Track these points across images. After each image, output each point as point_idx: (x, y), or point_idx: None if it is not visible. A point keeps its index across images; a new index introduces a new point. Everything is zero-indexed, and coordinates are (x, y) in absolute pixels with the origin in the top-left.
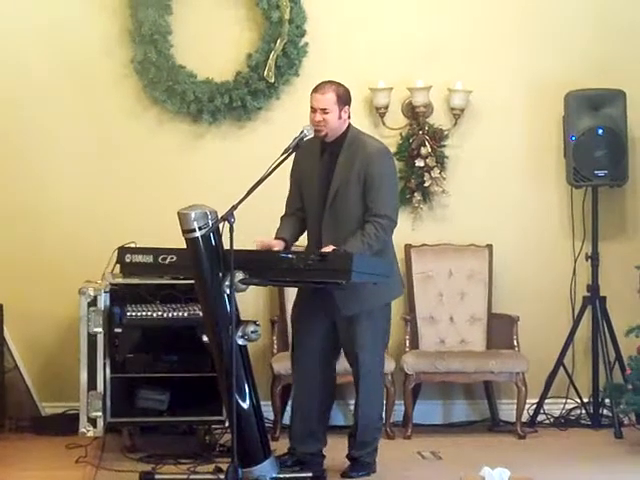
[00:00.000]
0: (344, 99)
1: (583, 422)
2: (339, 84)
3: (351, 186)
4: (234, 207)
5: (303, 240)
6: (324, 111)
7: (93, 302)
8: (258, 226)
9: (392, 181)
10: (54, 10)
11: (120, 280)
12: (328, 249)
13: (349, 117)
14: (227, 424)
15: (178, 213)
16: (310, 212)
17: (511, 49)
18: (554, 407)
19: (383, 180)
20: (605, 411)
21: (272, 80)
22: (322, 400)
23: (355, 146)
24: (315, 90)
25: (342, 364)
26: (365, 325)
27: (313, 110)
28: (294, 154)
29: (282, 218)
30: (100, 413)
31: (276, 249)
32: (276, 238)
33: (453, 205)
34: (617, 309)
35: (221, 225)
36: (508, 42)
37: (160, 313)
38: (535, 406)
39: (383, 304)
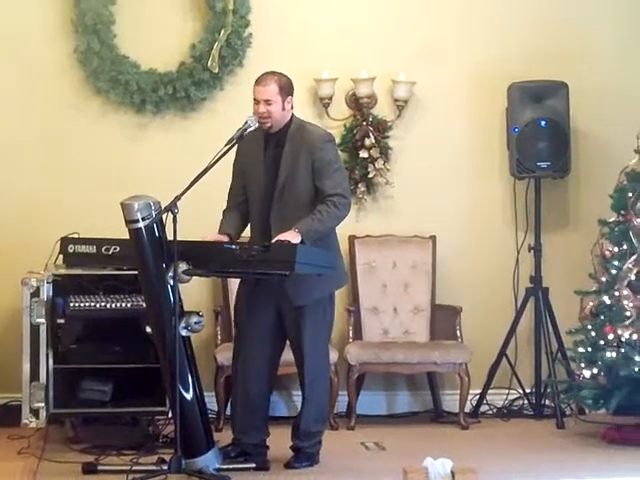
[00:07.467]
0: (287, 90)
1: (526, 412)
2: (281, 74)
3: (299, 175)
4: (177, 198)
5: (247, 232)
6: (267, 102)
7: (36, 293)
8: (202, 217)
9: (340, 164)
10: None
11: (63, 271)
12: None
13: (292, 107)
14: (170, 415)
15: (121, 204)
16: (255, 204)
17: (454, 40)
18: (497, 398)
19: (332, 163)
20: (547, 401)
21: (216, 71)
22: (267, 392)
23: (300, 134)
24: (257, 82)
25: (284, 355)
26: (313, 316)
27: (256, 102)
28: (237, 146)
29: (224, 212)
30: (43, 404)
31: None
32: (220, 233)
33: (397, 196)
34: (559, 300)
35: (165, 216)
36: (451, 33)
37: (103, 304)
38: (478, 397)
39: (330, 293)
